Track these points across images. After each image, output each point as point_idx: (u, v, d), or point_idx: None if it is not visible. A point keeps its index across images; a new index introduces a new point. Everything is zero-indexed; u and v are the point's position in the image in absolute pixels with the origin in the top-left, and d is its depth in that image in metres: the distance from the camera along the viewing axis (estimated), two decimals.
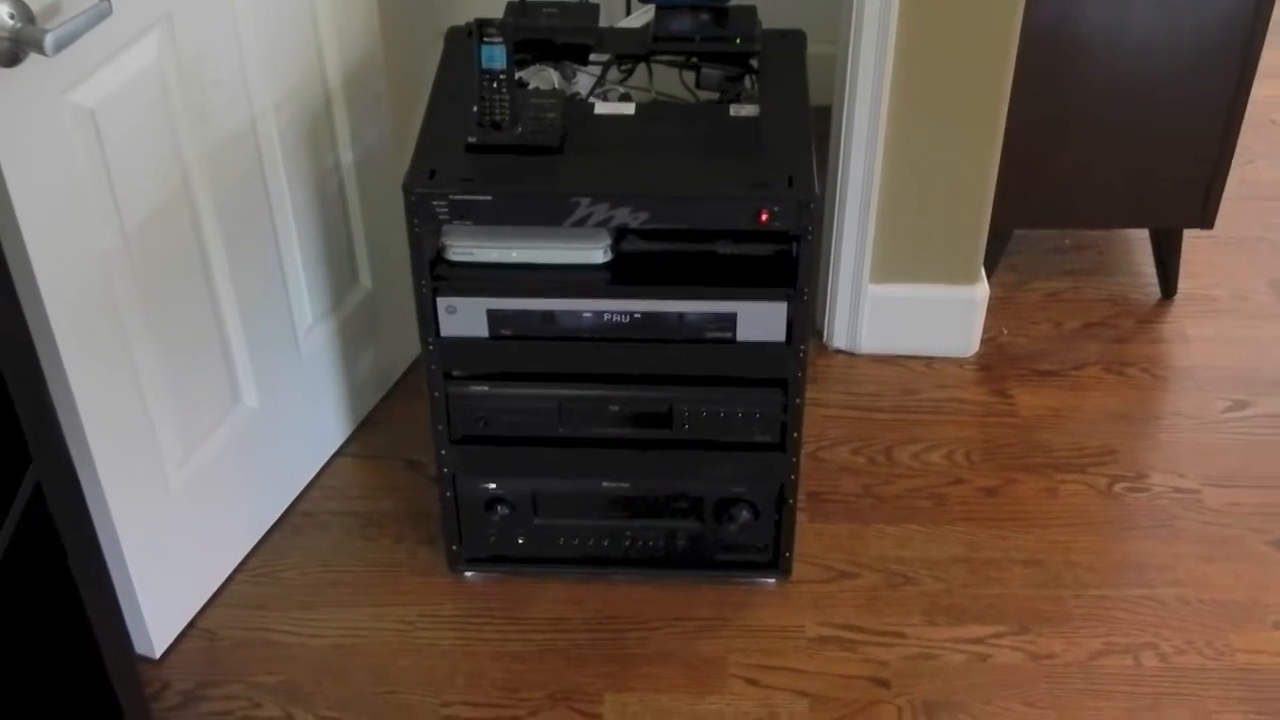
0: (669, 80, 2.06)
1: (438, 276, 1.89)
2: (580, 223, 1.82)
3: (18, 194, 1.56)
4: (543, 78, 2.03)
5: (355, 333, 2.34)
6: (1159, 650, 2.07)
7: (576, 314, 1.92)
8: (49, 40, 1.45)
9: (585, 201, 1.81)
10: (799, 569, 2.17)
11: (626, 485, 2.09)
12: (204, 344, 1.99)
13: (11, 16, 1.46)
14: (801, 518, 2.18)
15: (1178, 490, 2.32)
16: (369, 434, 2.42)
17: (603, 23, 2.06)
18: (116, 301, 1.78)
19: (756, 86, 2.01)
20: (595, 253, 1.90)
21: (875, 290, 2.51)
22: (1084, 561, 2.20)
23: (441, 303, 1.90)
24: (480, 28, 1.80)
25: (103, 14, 1.52)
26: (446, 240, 1.89)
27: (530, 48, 2.02)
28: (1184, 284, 2.71)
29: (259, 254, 2.05)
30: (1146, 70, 2.38)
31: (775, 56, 2.04)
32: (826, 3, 2.41)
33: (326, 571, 2.19)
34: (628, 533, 2.13)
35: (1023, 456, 2.39)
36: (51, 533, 1.44)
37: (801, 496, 2.15)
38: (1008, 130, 2.33)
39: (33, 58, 1.50)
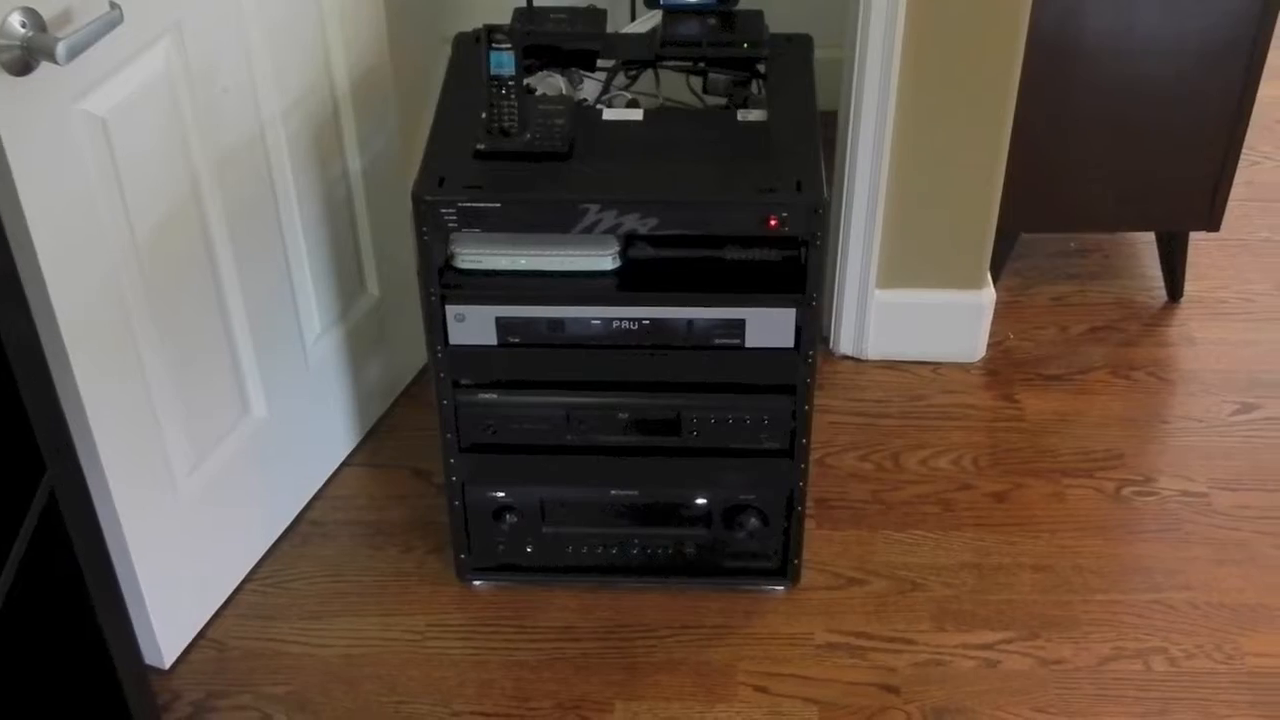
0: (676, 86, 2.06)
1: (446, 284, 1.89)
2: (589, 229, 1.82)
3: (29, 202, 1.55)
4: (549, 84, 2.03)
5: (363, 341, 2.33)
6: (1168, 654, 2.07)
7: (585, 321, 1.91)
8: (61, 48, 1.45)
9: (594, 208, 1.80)
10: (807, 576, 2.17)
11: (635, 493, 2.08)
12: (213, 352, 1.99)
13: (23, 25, 1.46)
14: (809, 524, 2.18)
15: (1186, 494, 2.32)
16: (376, 443, 2.42)
17: (609, 28, 2.06)
18: (127, 310, 1.77)
19: (764, 91, 2.01)
20: (604, 259, 1.89)
21: (882, 295, 2.51)
22: (1092, 566, 2.20)
23: (450, 310, 1.90)
24: (489, 34, 1.80)
25: (114, 22, 1.52)
26: (455, 248, 1.89)
27: (536, 53, 2.01)
28: (1190, 287, 2.71)
29: (267, 262, 2.05)
30: (1152, 72, 2.38)
31: (782, 61, 2.04)
32: (833, 7, 2.41)
33: (335, 581, 2.19)
34: (636, 541, 2.13)
35: (1030, 461, 2.38)
36: (64, 542, 1.43)
37: (810, 503, 2.14)
38: (1013, 133, 2.33)
39: (44, 66, 1.50)
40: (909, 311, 2.52)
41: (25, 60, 1.48)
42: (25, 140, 1.53)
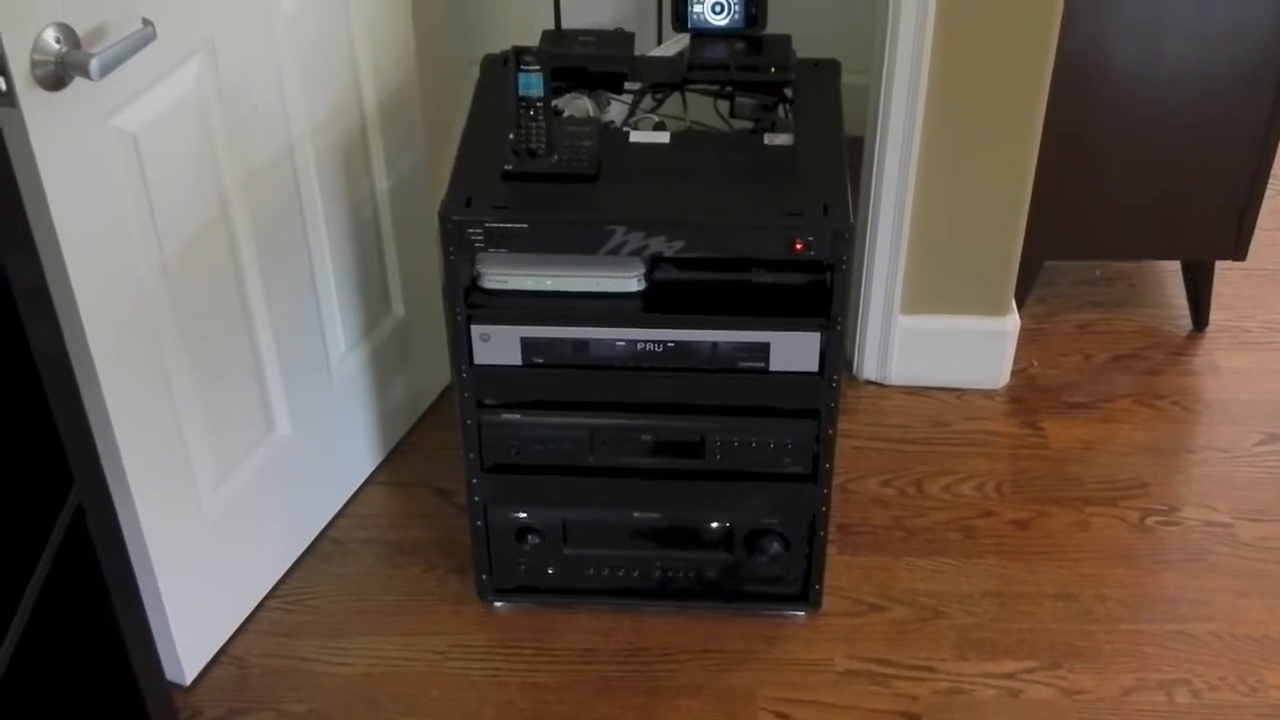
0: (703, 109, 2.07)
1: (472, 304, 1.89)
2: (615, 251, 1.82)
3: (60, 218, 1.56)
4: (576, 106, 2.03)
5: (387, 360, 2.34)
6: (1191, 686, 2.06)
7: (610, 343, 1.92)
8: (94, 65, 1.46)
9: (620, 230, 1.81)
10: (828, 602, 2.16)
11: (657, 515, 2.08)
12: (239, 370, 1.99)
13: (57, 40, 1.47)
14: (831, 550, 2.17)
15: (1210, 524, 2.31)
16: (399, 462, 2.42)
17: (636, 51, 2.06)
18: (155, 326, 1.78)
19: (791, 116, 2.01)
20: (629, 281, 1.90)
21: (906, 321, 2.51)
22: (1116, 596, 2.19)
23: (475, 330, 1.90)
24: (518, 55, 1.80)
25: (147, 39, 1.53)
26: (481, 268, 1.89)
27: (564, 76, 2.02)
28: (1216, 316, 2.70)
29: (294, 280, 2.06)
30: (1179, 101, 2.38)
31: (809, 86, 2.05)
32: (860, 33, 2.41)
33: (357, 600, 2.19)
34: (658, 563, 2.12)
35: (1053, 489, 2.37)
36: (90, 557, 1.44)
37: (831, 528, 2.14)
38: (1039, 161, 2.32)
39: (77, 82, 1.51)
40: (933, 337, 2.52)
41: (59, 75, 1.49)
42: (58, 155, 1.54)
